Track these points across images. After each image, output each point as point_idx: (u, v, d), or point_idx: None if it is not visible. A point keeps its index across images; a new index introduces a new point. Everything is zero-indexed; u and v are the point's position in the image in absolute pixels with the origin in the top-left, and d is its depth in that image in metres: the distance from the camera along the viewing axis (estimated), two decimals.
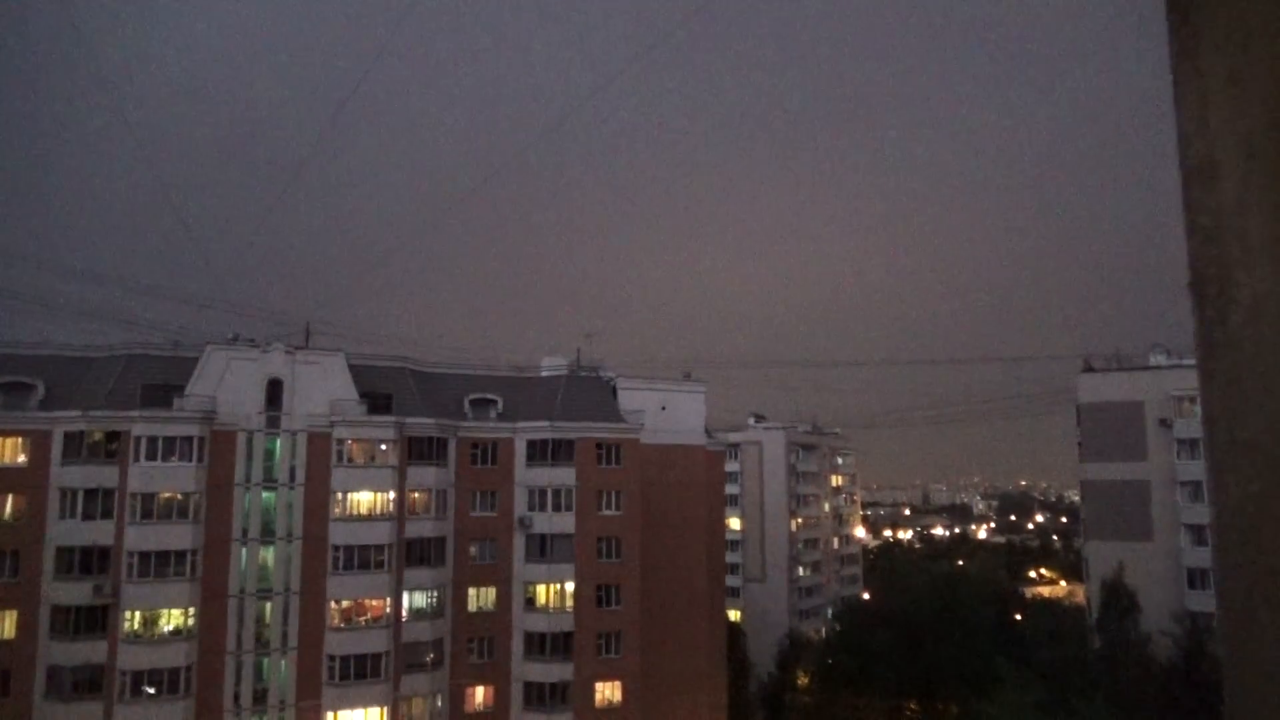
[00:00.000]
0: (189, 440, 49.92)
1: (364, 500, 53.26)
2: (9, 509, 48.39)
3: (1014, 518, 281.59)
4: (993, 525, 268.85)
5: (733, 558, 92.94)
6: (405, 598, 53.39)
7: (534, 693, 55.43)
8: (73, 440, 49.07)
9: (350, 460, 53.30)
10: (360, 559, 52.24)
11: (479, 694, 55.59)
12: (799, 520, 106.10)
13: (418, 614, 53.83)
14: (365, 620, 52.42)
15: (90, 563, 47.97)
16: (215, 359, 52.45)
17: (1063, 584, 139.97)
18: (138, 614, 48.17)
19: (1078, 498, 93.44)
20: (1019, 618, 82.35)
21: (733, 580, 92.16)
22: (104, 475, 48.79)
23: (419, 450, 54.64)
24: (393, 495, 53.38)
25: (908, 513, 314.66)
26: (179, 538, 49.00)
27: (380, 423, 53.67)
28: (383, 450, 53.76)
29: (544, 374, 62.52)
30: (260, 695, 50.49)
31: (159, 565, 48.51)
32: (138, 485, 48.69)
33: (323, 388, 53.71)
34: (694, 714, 61.34)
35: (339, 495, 52.77)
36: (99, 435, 49.40)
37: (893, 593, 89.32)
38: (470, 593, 56.06)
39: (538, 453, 57.60)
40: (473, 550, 56.36)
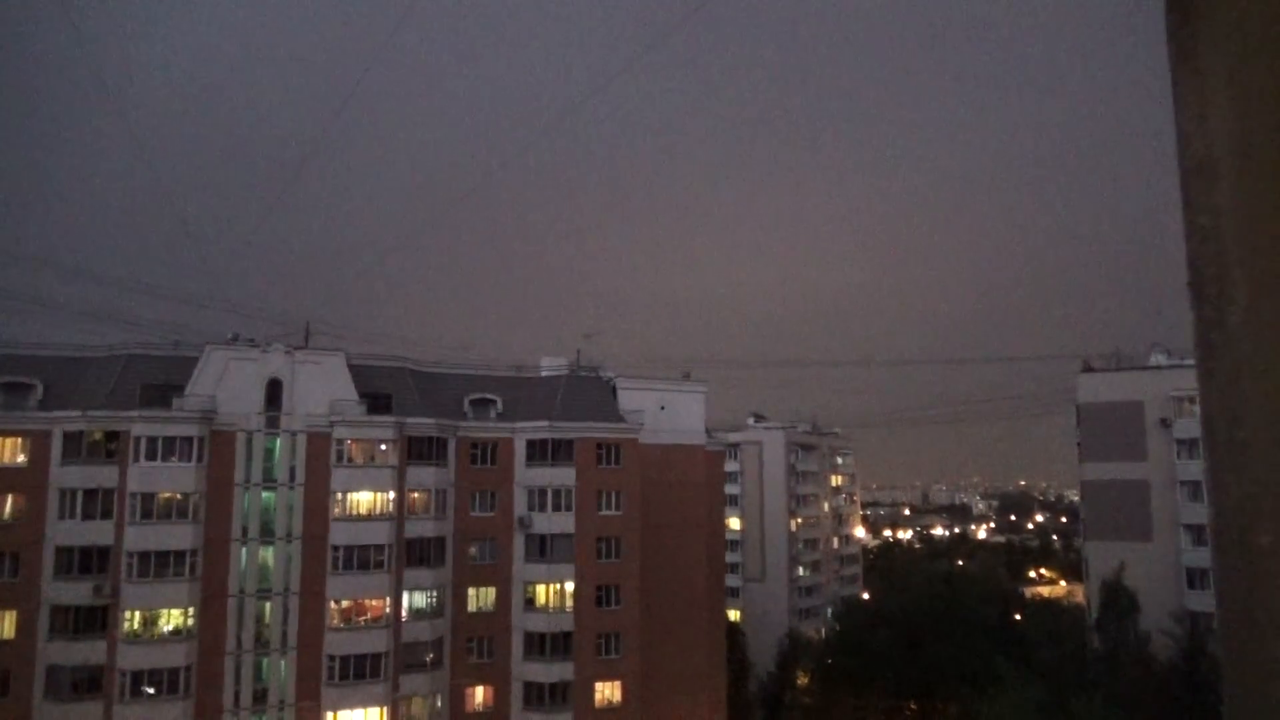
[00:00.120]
0: (189, 440, 49.93)
1: (364, 500, 53.27)
2: (8, 509, 48.42)
3: (1014, 518, 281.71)
4: (992, 525, 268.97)
5: (732, 557, 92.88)
6: (405, 598, 53.40)
7: (534, 693, 55.44)
8: (72, 440, 49.08)
9: (350, 460, 53.32)
10: (360, 559, 52.26)
11: (479, 694, 55.60)
12: (799, 520, 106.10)
13: (417, 614, 53.84)
14: (365, 620, 52.43)
15: (90, 563, 48.00)
16: (215, 359, 52.45)
17: (1062, 584, 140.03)
18: (137, 614, 48.18)
19: (1077, 498, 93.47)
20: (1019, 618, 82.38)
21: (732, 580, 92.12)
22: (103, 475, 48.81)
23: (419, 450, 54.65)
24: (392, 495, 53.39)
25: (907, 513, 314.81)
26: (179, 538, 49.01)
27: (380, 423, 53.68)
28: (382, 450, 53.77)
29: (544, 374, 62.53)
30: (260, 695, 50.51)
31: (159, 565, 48.52)
32: (137, 485, 48.70)
33: (322, 388, 53.71)
34: (694, 714, 61.35)
35: (339, 495, 52.79)
36: (98, 435, 49.42)
37: (892, 593, 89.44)
38: (470, 593, 56.07)
39: (537, 453, 57.61)
40: (472, 550, 56.37)
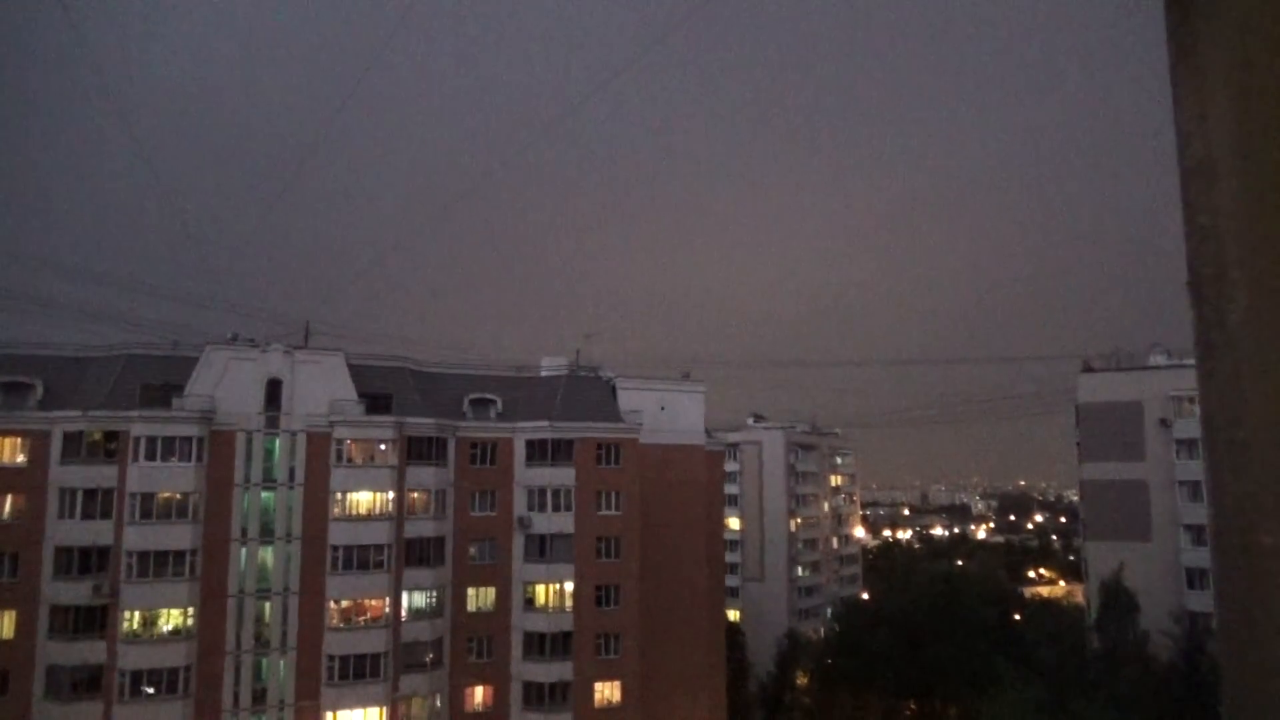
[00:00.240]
0: (188, 440, 49.91)
1: (363, 500, 53.25)
2: (8, 509, 48.37)
3: (1013, 518, 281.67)
4: (992, 525, 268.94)
5: (732, 557, 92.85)
6: (404, 598, 53.38)
7: (533, 693, 55.43)
8: (72, 440, 49.05)
9: (350, 460, 53.29)
10: (359, 559, 52.24)
11: (478, 694, 55.58)
12: (798, 520, 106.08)
13: (417, 614, 53.82)
14: (364, 620, 52.42)
15: (89, 562, 47.97)
16: (214, 359, 52.43)
17: (1062, 584, 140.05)
18: (137, 614, 48.15)
19: (1077, 498, 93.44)
20: (1018, 618, 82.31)
21: (732, 580, 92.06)
22: (103, 475, 48.77)
23: (418, 450, 54.63)
24: (392, 495, 53.37)
25: (907, 513, 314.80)
26: (178, 538, 48.98)
27: (379, 423, 53.66)
28: (382, 450, 53.75)
29: (543, 374, 62.50)
30: (259, 695, 50.49)
31: (158, 565, 48.50)
32: (137, 485, 48.67)
33: (322, 387, 53.69)
34: (693, 714, 61.35)
35: (338, 495, 52.77)
36: (98, 435, 49.39)
37: (892, 593, 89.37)
38: (469, 593, 56.05)
39: (537, 453, 57.59)
40: (472, 550, 56.35)
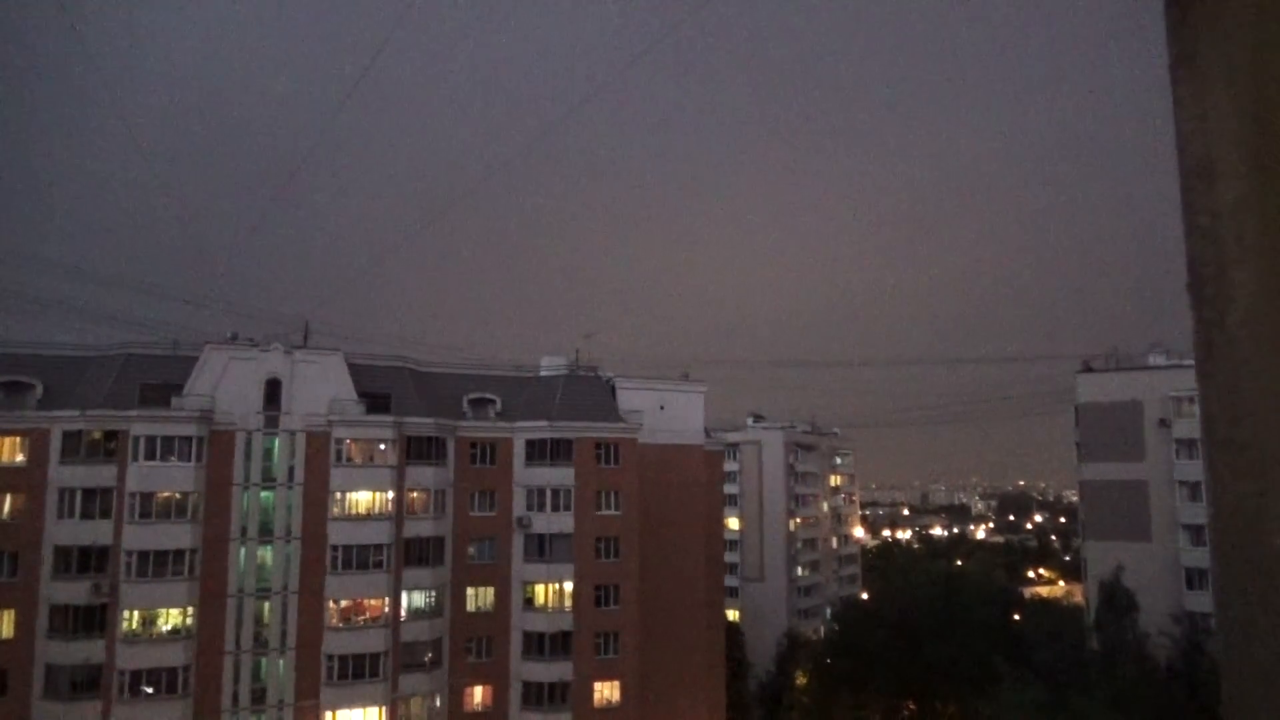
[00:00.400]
0: (187, 440, 49.89)
1: (362, 500, 53.23)
2: (7, 508, 48.32)
3: (1013, 518, 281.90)
4: (991, 525, 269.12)
5: (731, 557, 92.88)
6: (404, 597, 53.36)
7: (533, 692, 55.42)
8: (71, 439, 49.02)
9: (349, 460, 53.27)
10: (359, 559, 52.22)
11: (478, 694, 55.57)
12: (798, 520, 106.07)
13: (416, 614, 53.80)
14: (364, 620, 52.40)
15: (89, 562, 47.93)
16: (214, 358, 52.41)
17: (1061, 584, 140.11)
18: (136, 613, 48.13)
19: (1076, 498, 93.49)
20: (1018, 618, 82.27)
21: (731, 580, 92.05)
22: (102, 475, 48.74)
23: (418, 450, 54.61)
24: (391, 495, 53.36)
25: (906, 513, 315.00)
26: (177, 537, 48.96)
27: (379, 422, 53.64)
28: (381, 450, 53.74)
29: (543, 374, 62.50)
30: (259, 695, 50.47)
31: (157, 565, 48.46)
32: (136, 485, 48.65)
33: (321, 387, 53.67)
34: (692, 713, 61.35)
35: (338, 495, 52.74)
36: (97, 435, 49.37)
37: (891, 593, 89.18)
38: (469, 592, 56.04)
39: (536, 452, 57.58)
40: (471, 550, 56.34)
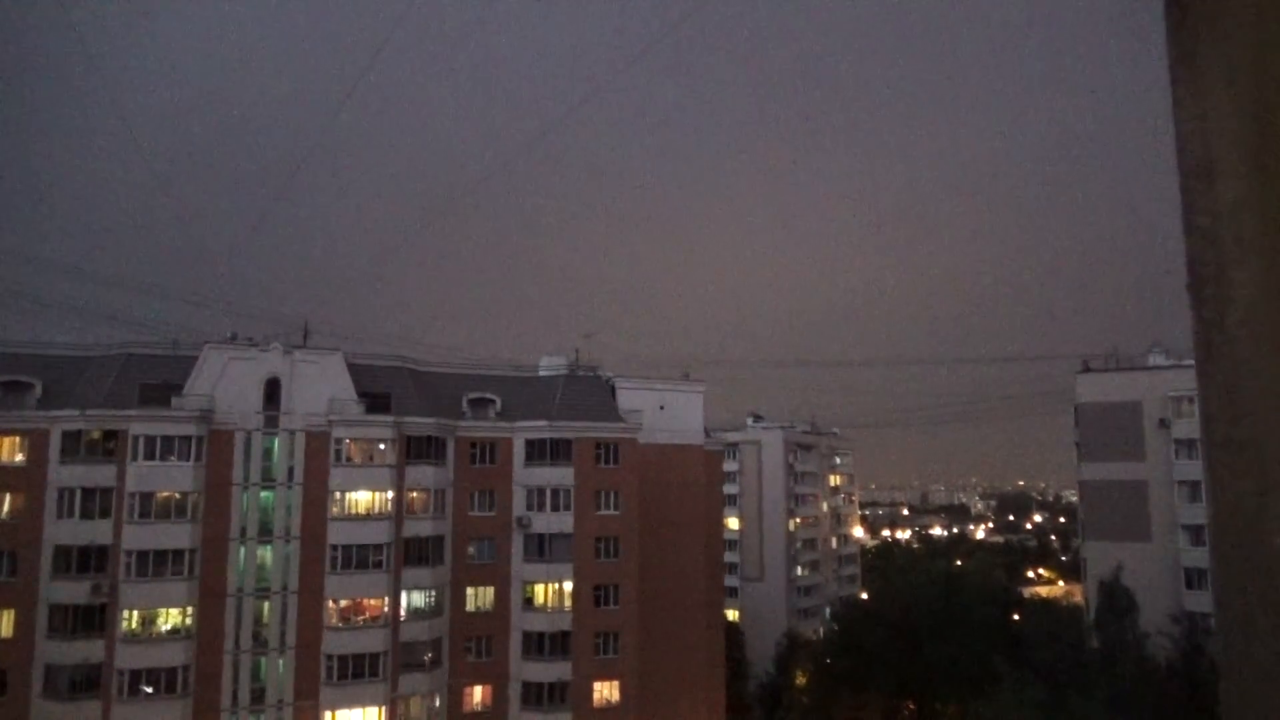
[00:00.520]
0: (187, 440, 49.88)
1: (362, 500, 53.22)
2: (7, 508, 48.33)
3: (1012, 518, 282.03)
4: (991, 525, 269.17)
5: (731, 557, 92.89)
6: (403, 597, 53.35)
7: (532, 692, 55.42)
8: (71, 439, 49.00)
9: (348, 460, 53.26)
10: (358, 558, 52.21)
11: (477, 693, 55.56)
12: (797, 520, 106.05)
13: (416, 613, 53.78)
14: (363, 620, 52.39)
15: (88, 562, 47.91)
16: (213, 358, 52.39)
17: (1061, 584, 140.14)
18: (136, 613, 48.12)
19: (1076, 498, 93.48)
20: (1017, 618, 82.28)
21: (731, 580, 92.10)
22: (102, 474, 48.72)
23: (417, 449, 54.60)
24: (391, 494, 53.34)
25: (906, 512, 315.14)
26: (177, 537, 48.95)
27: (378, 422, 53.63)
28: (381, 449, 53.73)
29: (542, 373, 62.50)
30: (258, 694, 50.47)
31: (157, 564, 48.46)
32: (136, 484, 48.64)
33: (321, 387, 53.66)
34: (692, 713, 61.35)
35: (337, 495, 52.73)
36: (97, 434, 49.35)
37: (891, 592, 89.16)
38: (468, 592, 56.03)
39: (536, 452, 57.57)
40: (471, 550, 56.33)
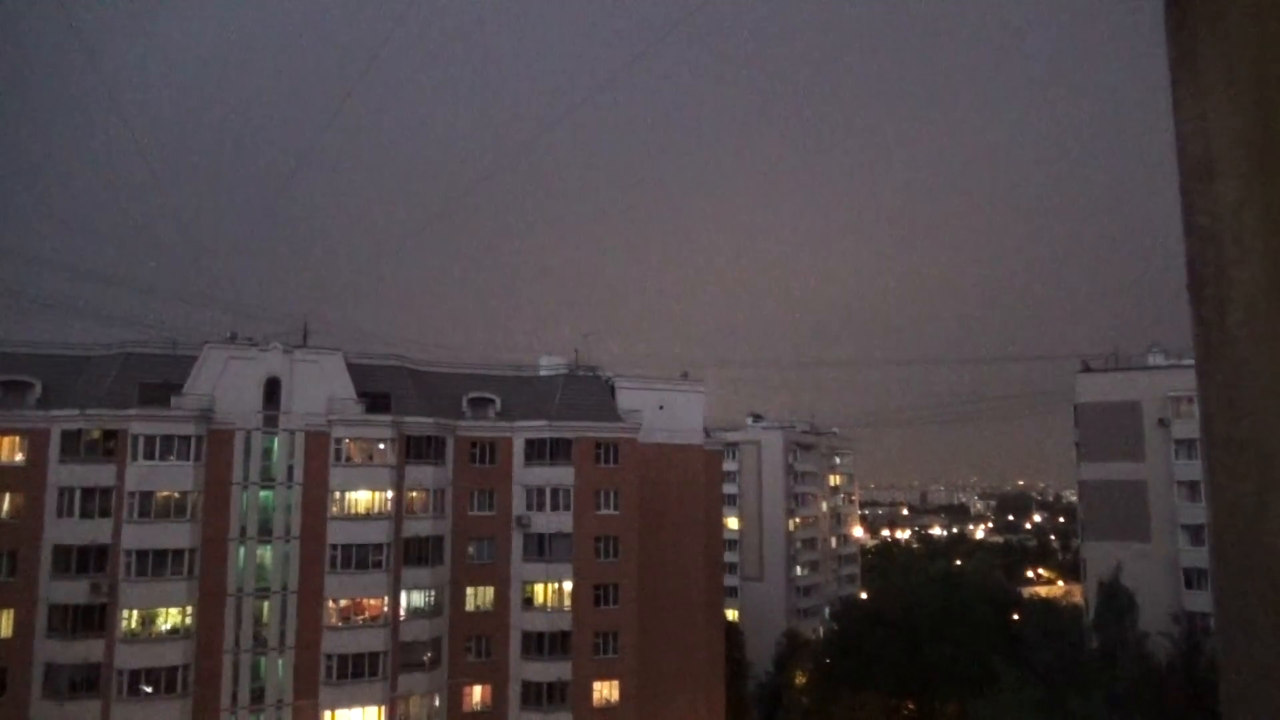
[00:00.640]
0: (186, 439, 49.86)
1: (362, 499, 53.22)
2: (6, 507, 48.29)
3: (1012, 518, 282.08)
4: (990, 525, 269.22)
5: (731, 557, 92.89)
6: (403, 597, 53.35)
7: (532, 692, 55.42)
8: (70, 439, 48.99)
9: (348, 459, 53.26)
10: (358, 558, 52.21)
11: (477, 693, 55.57)
12: (797, 520, 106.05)
13: (415, 613, 53.79)
14: (363, 619, 52.39)
15: (88, 561, 47.91)
16: (213, 358, 52.38)
17: (1060, 584, 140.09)
18: (135, 613, 48.11)
19: (1075, 498, 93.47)
20: (1017, 618, 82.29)
21: (731, 580, 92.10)
22: (101, 474, 48.71)
23: (417, 449, 54.60)
24: (390, 494, 53.34)
25: (906, 512, 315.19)
26: (177, 537, 48.94)
27: (378, 422, 53.63)
28: (381, 449, 53.73)
29: (542, 373, 62.52)
30: (258, 694, 50.47)
31: (157, 564, 48.43)
32: (135, 484, 48.62)
33: (321, 387, 53.65)
34: (692, 713, 61.34)
35: (337, 494, 52.73)
36: (96, 434, 49.35)
37: (890, 592, 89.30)
38: (468, 592, 56.03)
39: (536, 452, 57.56)
40: (471, 549, 56.33)
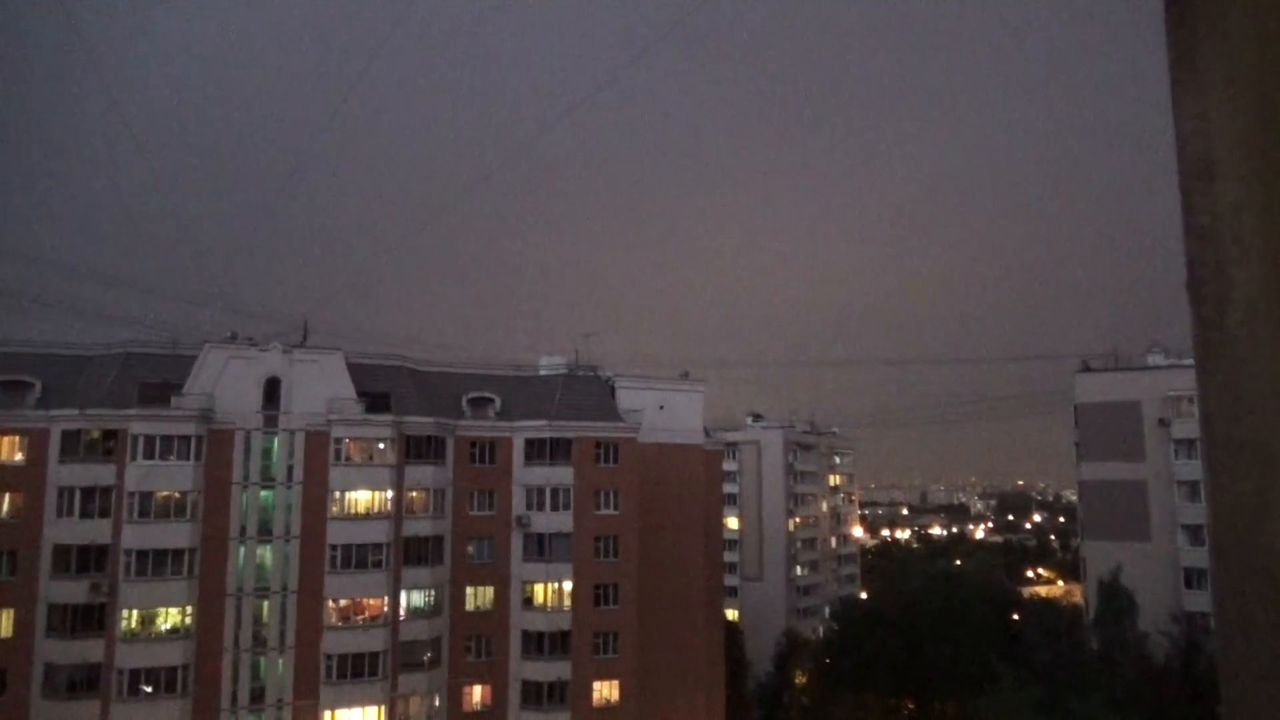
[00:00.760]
0: (186, 439, 49.86)
1: (362, 499, 53.22)
2: (6, 507, 48.31)
3: (1012, 517, 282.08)
4: (990, 525, 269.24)
5: (731, 557, 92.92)
6: (403, 597, 53.35)
7: (532, 692, 55.42)
8: (70, 438, 48.99)
9: (348, 459, 53.25)
10: (358, 558, 52.21)
11: (476, 693, 55.57)
12: (797, 519, 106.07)
13: (415, 613, 53.79)
14: (363, 619, 52.38)
15: (88, 561, 47.90)
16: (213, 357, 52.38)
17: (1060, 584, 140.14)
18: (135, 613, 48.11)
19: (1075, 498, 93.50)
20: (1016, 617, 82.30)
21: (730, 579, 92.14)
22: (101, 474, 48.71)
23: (417, 449, 54.60)
24: (390, 494, 53.34)
25: (906, 512, 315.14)
26: (176, 536, 48.94)
27: (378, 421, 53.62)
28: (380, 449, 53.72)
29: (542, 373, 62.50)
30: (258, 694, 50.46)
31: (156, 564, 48.44)
32: (135, 484, 48.61)
33: (321, 386, 53.64)
34: (691, 713, 61.34)
35: (337, 494, 52.73)
36: (96, 434, 49.34)
37: (890, 592, 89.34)
38: (468, 592, 56.04)
39: (536, 452, 57.56)
40: (470, 549, 56.33)
